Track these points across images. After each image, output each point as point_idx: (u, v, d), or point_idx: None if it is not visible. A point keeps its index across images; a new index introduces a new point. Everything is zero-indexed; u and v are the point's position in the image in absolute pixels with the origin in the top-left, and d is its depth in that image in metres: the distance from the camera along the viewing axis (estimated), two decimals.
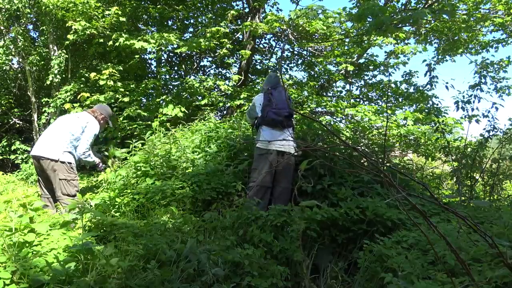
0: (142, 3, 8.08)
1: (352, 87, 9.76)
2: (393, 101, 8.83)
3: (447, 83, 4.85)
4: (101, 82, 6.29)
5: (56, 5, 6.48)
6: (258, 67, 10.26)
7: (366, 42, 7.69)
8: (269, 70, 9.46)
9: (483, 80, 4.33)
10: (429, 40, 8.75)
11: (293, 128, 4.03)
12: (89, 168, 4.64)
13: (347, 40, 8.07)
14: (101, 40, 6.81)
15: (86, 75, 7.15)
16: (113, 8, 6.61)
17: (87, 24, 6.47)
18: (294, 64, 10.44)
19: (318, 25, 6.78)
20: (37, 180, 3.92)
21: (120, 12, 6.67)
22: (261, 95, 4.01)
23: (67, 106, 6.61)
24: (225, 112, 8.71)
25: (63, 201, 3.59)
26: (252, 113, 4.06)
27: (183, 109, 6.43)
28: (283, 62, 9.97)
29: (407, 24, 7.55)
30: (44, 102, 8.06)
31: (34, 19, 9.01)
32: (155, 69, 9.33)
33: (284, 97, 3.84)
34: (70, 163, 3.74)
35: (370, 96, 9.65)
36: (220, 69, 10.28)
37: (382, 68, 9.08)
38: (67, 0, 6.38)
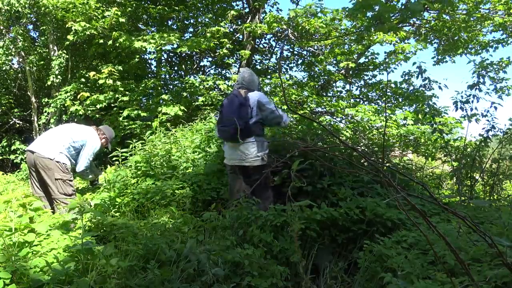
0: (142, 3, 8.08)
1: (352, 87, 9.77)
2: (392, 101, 8.83)
3: (440, 83, 4.87)
4: (101, 81, 6.30)
5: (56, 5, 6.50)
6: (258, 67, 10.26)
7: (366, 39, 7.67)
8: (269, 70, 9.45)
9: (481, 80, 4.31)
10: (429, 40, 8.75)
11: (258, 134, 3.34)
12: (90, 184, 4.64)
13: (346, 39, 8.06)
14: (101, 41, 6.82)
15: (86, 75, 7.16)
16: (113, 9, 6.62)
17: (87, 24, 6.48)
18: (294, 64, 10.46)
19: (318, 23, 6.77)
20: (29, 178, 3.93)
21: (119, 13, 6.68)
22: (229, 97, 3.50)
23: (67, 103, 6.62)
24: None
25: (61, 201, 3.61)
26: None
27: (182, 107, 6.43)
28: (282, 62, 9.97)
29: (407, 24, 7.55)
30: (44, 102, 8.07)
31: (34, 19, 9.01)
32: (155, 69, 9.34)
33: (235, 106, 3.28)
34: (65, 163, 3.75)
35: (370, 96, 9.65)
36: (220, 69, 10.29)
37: (382, 67, 9.08)
38: (67, 1, 6.40)
